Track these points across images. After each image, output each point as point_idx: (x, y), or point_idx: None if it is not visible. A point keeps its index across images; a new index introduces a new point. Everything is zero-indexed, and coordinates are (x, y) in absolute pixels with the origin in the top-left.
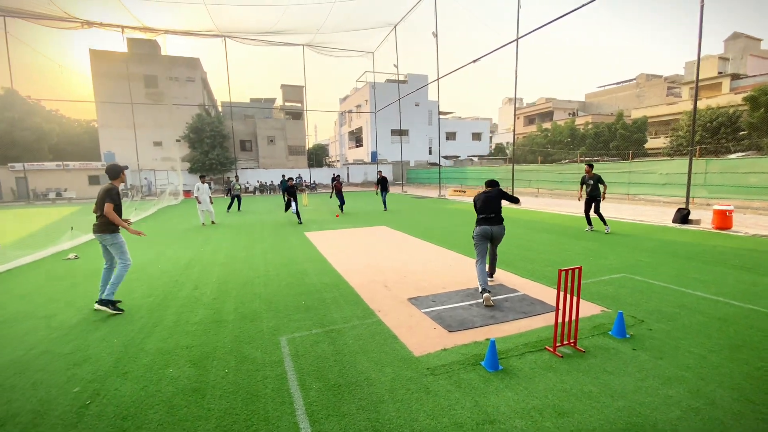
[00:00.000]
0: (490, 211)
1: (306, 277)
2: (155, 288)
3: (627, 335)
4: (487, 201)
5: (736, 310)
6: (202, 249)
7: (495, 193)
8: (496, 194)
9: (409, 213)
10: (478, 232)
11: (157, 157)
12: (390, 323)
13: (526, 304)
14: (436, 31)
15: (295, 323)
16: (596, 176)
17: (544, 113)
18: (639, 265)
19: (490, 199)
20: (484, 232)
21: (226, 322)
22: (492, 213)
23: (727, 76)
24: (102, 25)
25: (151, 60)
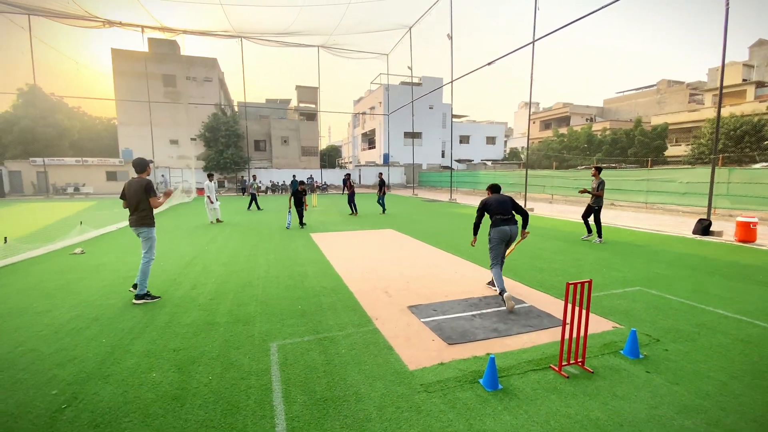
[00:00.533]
0: (506, 211)
1: (306, 280)
2: (153, 287)
3: (640, 355)
4: (502, 203)
5: (760, 331)
6: (206, 248)
7: (508, 198)
8: (510, 199)
9: (418, 216)
10: (495, 234)
11: (173, 155)
12: (386, 332)
13: (533, 316)
14: (451, 33)
15: (289, 329)
16: (600, 181)
17: (561, 118)
18: (655, 278)
19: (505, 201)
20: (503, 233)
21: (219, 324)
22: (508, 214)
23: (751, 84)
24: (122, 25)
25: (171, 60)
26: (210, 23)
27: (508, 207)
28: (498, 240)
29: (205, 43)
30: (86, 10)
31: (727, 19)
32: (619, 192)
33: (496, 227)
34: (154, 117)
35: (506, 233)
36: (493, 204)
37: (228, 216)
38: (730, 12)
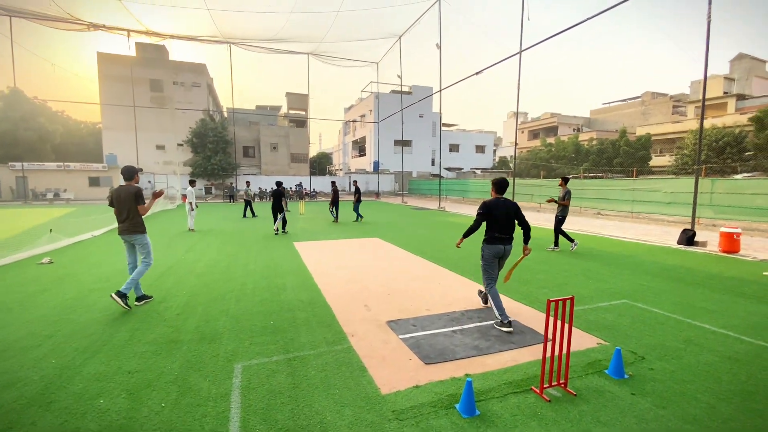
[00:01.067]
0: (508, 229)
1: (283, 293)
2: None
3: (625, 375)
4: (507, 217)
5: (747, 347)
6: (183, 257)
7: (514, 210)
8: (516, 212)
9: (405, 225)
10: (489, 251)
11: (159, 160)
12: (361, 351)
13: (516, 332)
14: (440, 43)
15: (257, 347)
16: (566, 190)
17: (549, 128)
18: (641, 290)
19: (510, 216)
20: (497, 251)
21: (182, 343)
22: (509, 233)
23: (732, 96)
24: (107, 29)
25: (159, 64)
26: (198, 28)
27: (511, 224)
28: (492, 257)
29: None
30: (69, 13)
31: (709, 33)
32: (606, 201)
33: (491, 244)
34: (141, 122)
35: (500, 251)
36: (497, 215)
37: (214, 223)
38: (713, 25)
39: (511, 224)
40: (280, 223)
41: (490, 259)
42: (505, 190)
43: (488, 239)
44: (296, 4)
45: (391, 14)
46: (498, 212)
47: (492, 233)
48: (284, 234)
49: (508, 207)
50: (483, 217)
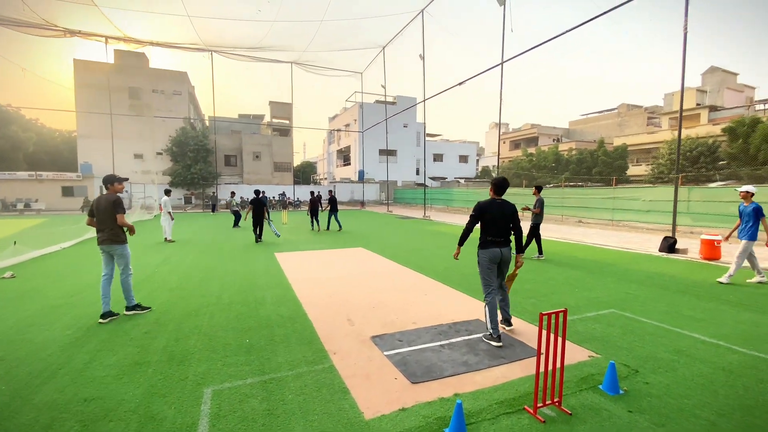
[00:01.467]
0: (504, 232)
1: (261, 308)
2: (82, 317)
3: (620, 391)
4: (503, 218)
5: (740, 357)
6: (157, 270)
7: (510, 212)
8: (513, 213)
9: (391, 234)
10: (486, 257)
11: (137, 169)
12: (344, 371)
13: (505, 345)
14: (423, 54)
15: (230, 368)
16: (539, 199)
17: (530, 138)
18: (628, 299)
19: (506, 217)
20: (494, 256)
21: (148, 364)
22: (505, 236)
23: (705, 108)
24: (83, 35)
25: (138, 72)
26: (178, 36)
27: (507, 227)
28: (488, 263)
29: (177, 56)
30: (44, 18)
31: (686, 44)
32: (587, 210)
33: (486, 248)
34: (118, 130)
35: (497, 255)
36: (492, 216)
37: (192, 234)
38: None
39: (508, 227)
40: (260, 232)
41: (487, 266)
42: (504, 190)
43: (482, 243)
44: (279, 12)
45: (375, 25)
46: (492, 213)
47: (486, 237)
48: (259, 243)
49: (503, 208)
50: (475, 220)
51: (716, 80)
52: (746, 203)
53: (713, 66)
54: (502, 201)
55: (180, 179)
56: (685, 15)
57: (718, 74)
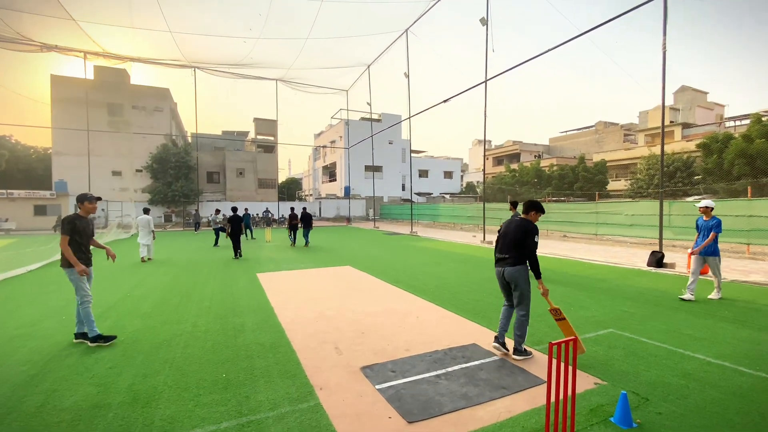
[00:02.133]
0: (504, 248)
1: (240, 336)
2: (39, 351)
3: (634, 424)
4: (504, 237)
5: (749, 380)
6: (129, 294)
7: (513, 228)
8: (516, 227)
9: (378, 251)
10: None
11: (116, 187)
12: (331, 410)
13: (506, 373)
14: (408, 72)
15: (203, 409)
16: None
17: (512, 155)
18: (625, 317)
19: (507, 234)
20: (497, 275)
21: (109, 407)
22: (505, 252)
23: (678, 125)
24: (61, 50)
25: (118, 88)
26: (160, 52)
27: (508, 243)
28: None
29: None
30: (19, 32)
31: (665, 62)
32: (571, 224)
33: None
34: (97, 147)
35: (498, 275)
36: (500, 234)
37: (170, 254)
38: (655, 61)
39: (509, 244)
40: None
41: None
42: (516, 206)
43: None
44: (264, 29)
45: (360, 43)
46: (502, 229)
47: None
48: (239, 259)
49: (508, 225)
50: None
51: (687, 98)
52: (706, 218)
53: (684, 85)
54: (513, 217)
55: (160, 197)
56: (663, 34)
57: (688, 93)
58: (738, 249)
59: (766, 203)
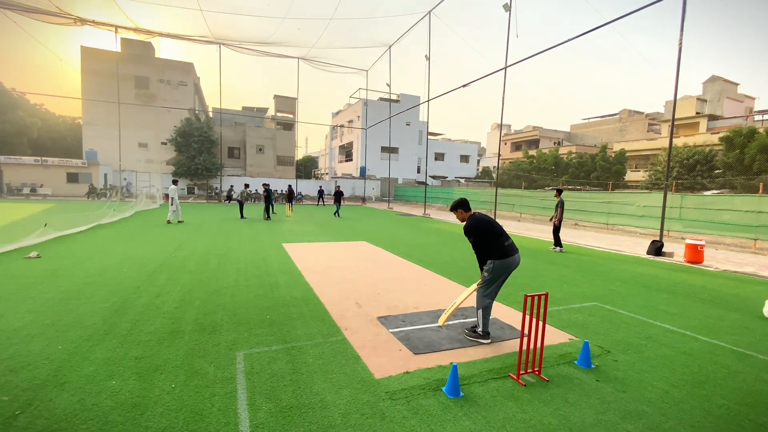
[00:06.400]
0: (507, 235)
1: (276, 290)
2: (114, 294)
3: (592, 365)
4: (499, 225)
5: (701, 344)
6: (173, 255)
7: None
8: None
9: (392, 230)
10: (502, 265)
11: (141, 158)
12: (355, 342)
13: (496, 328)
14: (429, 54)
15: (256, 338)
16: (560, 201)
17: (531, 140)
18: (610, 294)
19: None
20: (512, 263)
21: (183, 333)
22: (510, 238)
23: (704, 117)
24: (95, 24)
25: (144, 61)
26: (188, 28)
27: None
28: (503, 272)
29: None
30: (58, 6)
31: (680, 58)
32: (584, 213)
33: (503, 258)
34: (123, 119)
35: (516, 263)
36: (494, 226)
37: (200, 223)
38: (687, 49)
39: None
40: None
41: (500, 273)
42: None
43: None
44: (290, 9)
45: (383, 24)
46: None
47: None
48: (268, 220)
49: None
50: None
51: (716, 89)
52: None
53: (714, 75)
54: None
55: (184, 170)
56: (681, 30)
57: (718, 83)
58: (745, 244)
59: None
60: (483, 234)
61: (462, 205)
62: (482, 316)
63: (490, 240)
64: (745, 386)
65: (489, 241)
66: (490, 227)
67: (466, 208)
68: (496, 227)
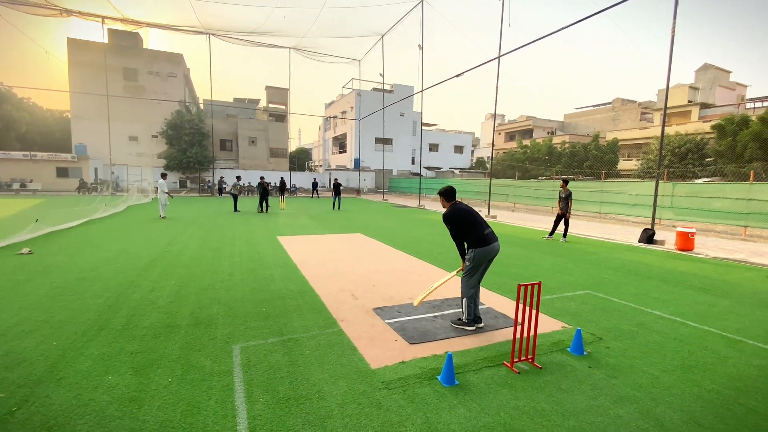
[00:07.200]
0: (487, 224)
1: (272, 284)
2: (108, 289)
3: (584, 352)
4: (476, 214)
5: (691, 330)
6: (167, 249)
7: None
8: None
9: (387, 221)
10: (482, 253)
11: (132, 152)
12: (351, 334)
13: (490, 317)
14: (422, 44)
15: (252, 331)
16: (568, 192)
17: (525, 130)
18: (603, 282)
19: (475, 214)
20: (492, 251)
21: (179, 327)
22: (489, 227)
23: (696, 105)
24: (81, 15)
25: (133, 53)
26: (176, 18)
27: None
28: (482, 260)
29: (172, 37)
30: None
31: (672, 46)
32: (576, 202)
33: (482, 246)
34: (112, 112)
35: (496, 251)
36: (473, 216)
37: (194, 217)
38: (681, 36)
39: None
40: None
41: (480, 262)
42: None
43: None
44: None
45: (375, 13)
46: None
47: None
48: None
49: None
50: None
51: (709, 77)
52: None
53: (707, 63)
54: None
55: (175, 163)
56: (674, 18)
57: (711, 71)
58: (736, 231)
59: (765, 187)
60: (460, 222)
61: (447, 193)
62: (466, 305)
63: (468, 229)
64: (734, 371)
65: (467, 230)
66: (469, 216)
67: (449, 198)
68: (476, 217)
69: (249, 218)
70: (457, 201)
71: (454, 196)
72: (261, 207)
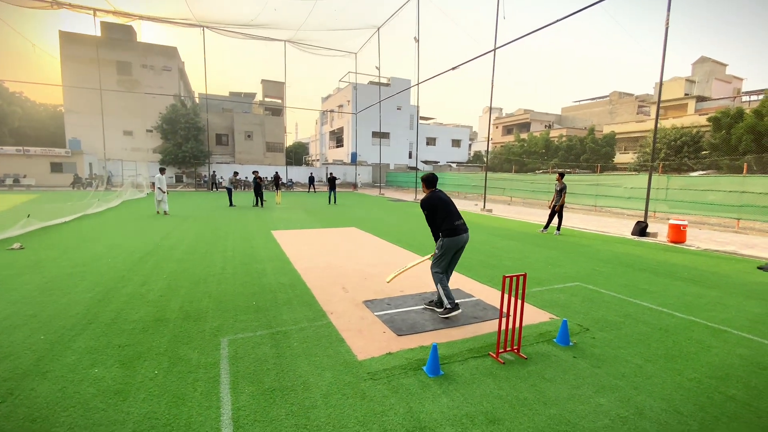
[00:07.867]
0: (459, 215)
1: (263, 277)
2: (99, 283)
3: (570, 343)
4: (449, 204)
5: (677, 321)
6: (160, 243)
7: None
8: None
9: (382, 215)
10: (451, 242)
11: (127, 147)
12: (339, 326)
13: (479, 309)
14: (418, 37)
15: (241, 324)
16: (563, 185)
17: (522, 124)
18: (593, 274)
19: (449, 202)
20: (460, 241)
21: (168, 321)
22: (461, 218)
23: (692, 98)
24: (72, 7)
25: (126, 46)
26: (170, 10)
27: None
28: (451, 249)
29: (166, 30)
30: None
31: (666, 37)
32: (572, 195)
33: (451, 236)
34: (106, 106)
35: (463, 241)
36: (444, 208)
37: (189, 211)
38: (678, 29)
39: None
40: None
41: (449, 250)
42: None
43: (451, 230)
44: None
45: (371, 5)
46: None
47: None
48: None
49: (447, 197)
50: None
51: (705, 70)
52: None
53: (703, 56)
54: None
55: (171, 157)
56: (668, 10)
57: (707, 64)
58: (729, 223)
59: (758, 180)
60: (434, 209)
61: (428, 180)
62: (442, 290)
63: (440, 217)
64: (717, 360)
65: (439, 218)
66: (443, 205)
67: (429, 185)
68: (449, 207)
69: (244, 213)
70: (437, 189)
71: (435, 184)
72: (256, 201)
